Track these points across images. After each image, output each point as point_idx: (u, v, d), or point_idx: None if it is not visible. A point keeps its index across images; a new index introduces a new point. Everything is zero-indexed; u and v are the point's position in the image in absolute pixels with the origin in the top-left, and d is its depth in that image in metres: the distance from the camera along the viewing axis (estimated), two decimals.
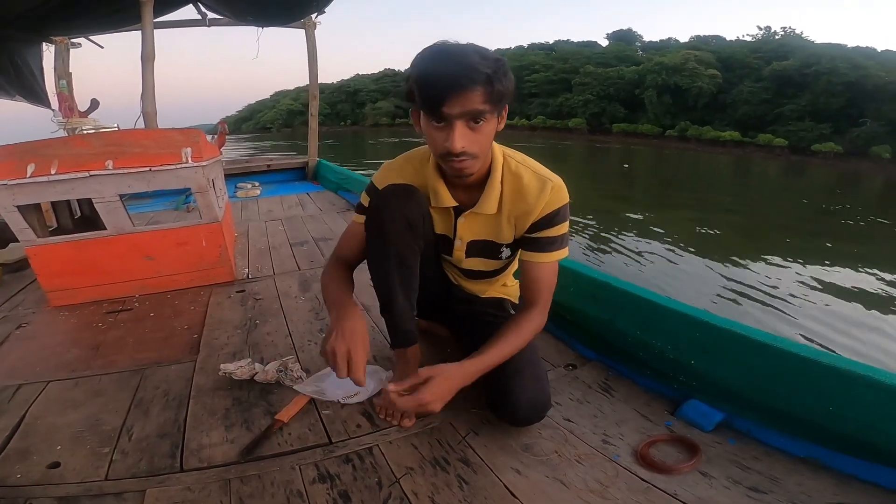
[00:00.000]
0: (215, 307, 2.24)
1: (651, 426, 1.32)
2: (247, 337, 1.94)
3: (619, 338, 1.57)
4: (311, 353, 1.79)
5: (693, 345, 1.37)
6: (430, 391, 1.11)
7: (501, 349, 1.22)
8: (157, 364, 1.74)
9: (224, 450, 1.30)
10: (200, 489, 1.17)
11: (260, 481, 1.19)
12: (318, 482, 1.18)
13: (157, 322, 2.10)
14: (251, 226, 3.69)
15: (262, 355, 1.77)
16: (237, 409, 1.47)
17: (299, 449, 1.29)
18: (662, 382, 1.46)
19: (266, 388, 1.56)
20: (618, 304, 1.59)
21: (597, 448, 1.25)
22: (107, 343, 1.92)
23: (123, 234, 2.23)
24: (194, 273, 2.45)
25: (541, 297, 1.32)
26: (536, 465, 1.20)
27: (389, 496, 1.13)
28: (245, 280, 2.57)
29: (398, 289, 1.35)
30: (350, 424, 1.38)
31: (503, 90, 1.09)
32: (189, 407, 1.48)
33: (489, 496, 1.12)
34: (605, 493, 1.11)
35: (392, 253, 1.31)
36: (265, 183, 5.53)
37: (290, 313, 2.16)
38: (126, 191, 2.14)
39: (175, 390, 1.58)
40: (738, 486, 1.11)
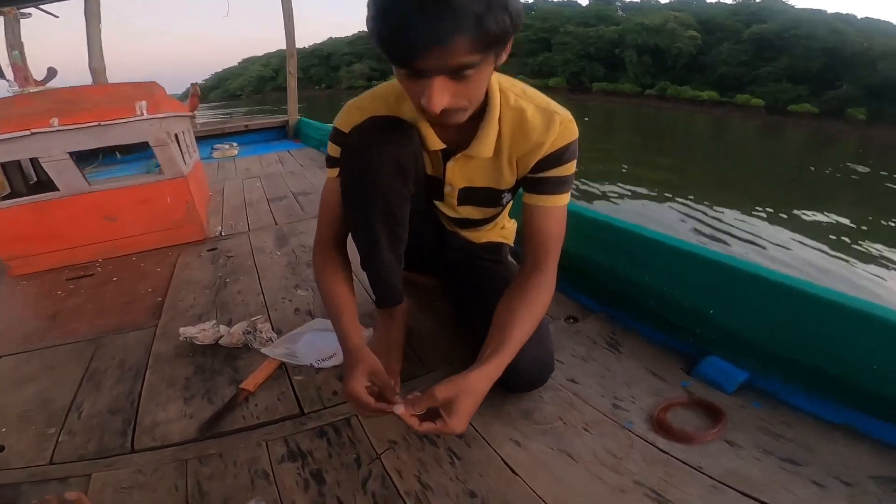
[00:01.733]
0: (183, 267, 2.02)
1: (665, 387, 1.14)
2: (215, 297, 1.73)
3: (624, 286, 1.37)
4: (284, 312, 1.58)
5: (711, 292, 1.18)
6: (459, 418, 0.86)
7: (516, 338, 0.97)
8: (116, 331, 1.54)
9: (181, 426, 1.10)
10: (153, 471, 0.98)
11: (221, 461, 1.00)
12: (287, 460, 0.99)
13: (119, 287, 1.89)
14: (227, 184, 3.41)
15: (230, 316, 1.56)
16: (199, 378, 1.27)
17: (267, 422, 1.10)
18: (676, 336, 1.27)
19: (232, 354, 1.36)
20: (622, 247, 1.39)
21: (606, 413, 1.06)
22: (65, 312, 1.72)
23: (78, 193, 2.02)
24: (161, 232, 2.24)
25: (549, 254, 1.09)
26: (538, 434, 1.01)
27: (369, 475, 0.94)
28: (218, 238, 2.34)
29: (384, 241, 1.12)
30: (325, 391, 1.19)
31: (500, 30, 0.75)
32: (145, 378, 1.28)
33: (485, 473, 0.93)
34: (618, 466, 0.93)
35: (377, 201, 1.07)
36: (243, 143, 5.18)
37: (264, 269, 1.94)
38: (75, 148, 1.93)
39: (132, 360, 1.38)
40: (771, 457, 0.93)
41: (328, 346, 1.30)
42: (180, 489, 0.94)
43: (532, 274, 1.07)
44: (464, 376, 0.89)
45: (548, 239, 1.08)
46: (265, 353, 1.31)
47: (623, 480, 0.90)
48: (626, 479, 0.90)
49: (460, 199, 1.21)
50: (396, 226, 1.12)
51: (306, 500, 0.90)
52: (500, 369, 0.94)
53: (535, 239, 1.09)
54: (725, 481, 0.88)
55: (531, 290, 1.04)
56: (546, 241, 1.08)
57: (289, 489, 0.93)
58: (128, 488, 0.95)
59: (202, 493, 0.93)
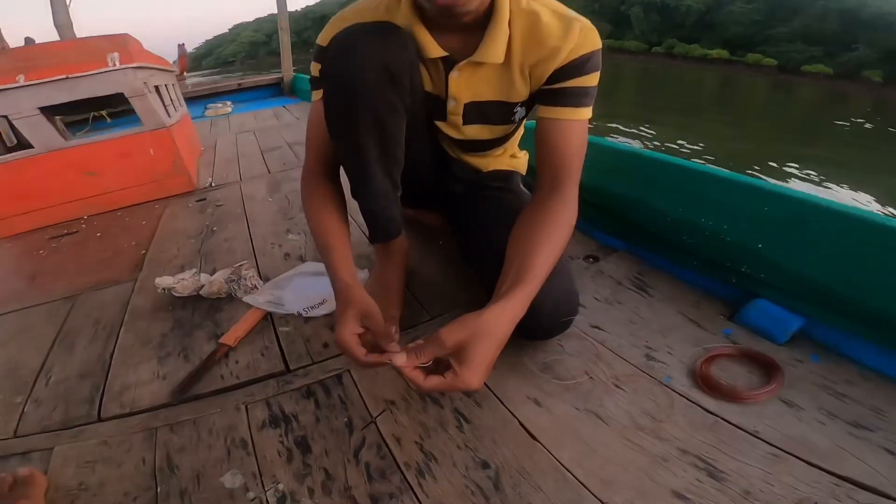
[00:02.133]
0: (169, 219, 1.87)
1: (706, 336, 0.97)
2: (200, 247, 1.57)
3: (654, 220, 1.19)
4: (272, 258, 1.43)
5: (761, 224, 0.99)
6: (473, 369, 0.69)
7: (538, 267, 0.80)
8: (94, 288, 1.40)
9: (153, 389, 0.96)
10: (119, 443, 0.85)
11: (194, 428, 0.86)
12: (268, 426, 0.85)
13: (102, 243, 1.76)
14: (220, 140, 3.21)
15: (214, 266, 1.41)
16: (176, 334, 1.12)
17: (247, 381, 0.95)
18: (716, 276, 1.10)
19: (215, 305, 1.21)
20: (652, 178, 1.20)
21: (640, 367, 0.90)
22: (44, 271, 1.59)
23: (54, 150, 1.91)
24: (146, 186, 2.11)
25: (570, 175, 0.92)
26: (561, 392, 0.86)
27: (363, 443, 0.80)
28: (207, 189, 2.18)
29: (375, 162, 0.95)
30: (314, 344, 1.04)
31: None
32: (119, 337, 1.14)
33: (499, 439, 0.78)
34: (659, 430, 0.78)
35: (364, 112, 0.89)
36: (237, 101, 4.94)
37: (255, 216, 1.78)
38: (45, 103, 1.82)
39: (107, 317, 1.24)
40: (836, 421, 0.77)
41: (318, 292, 1.14)
42: (147, 462, 0.81)
43: (551, 196, 0.90)
44: (478, 315, 0.72)
45: (569, 158, 0.91)
46: (247, 301, 1.16)
47: (665, 447, 0.75)
48: (669, 446, 0.75)
49: (466, 116, 1.03)
50: (389, 143, 0.94)
51: (289, 474, 0.76)
52: (524, 304, 0.77)
53: (554, 158, 0.92)
54: (787, 448, 0.73)
55: (552, 213, 0.87)
56: (566, 161, 0.91)
57: (269, 461, 0.78)
58: (91, 462, 0.82)
59: (171, 468, 0.79)
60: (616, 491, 0.69)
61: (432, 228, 1.43)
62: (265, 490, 0.74)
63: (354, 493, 0.72)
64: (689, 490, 0.69)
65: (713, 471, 0.71)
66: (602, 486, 0.70)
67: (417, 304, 1.15)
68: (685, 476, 0.70)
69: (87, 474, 0.80)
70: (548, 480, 0.71)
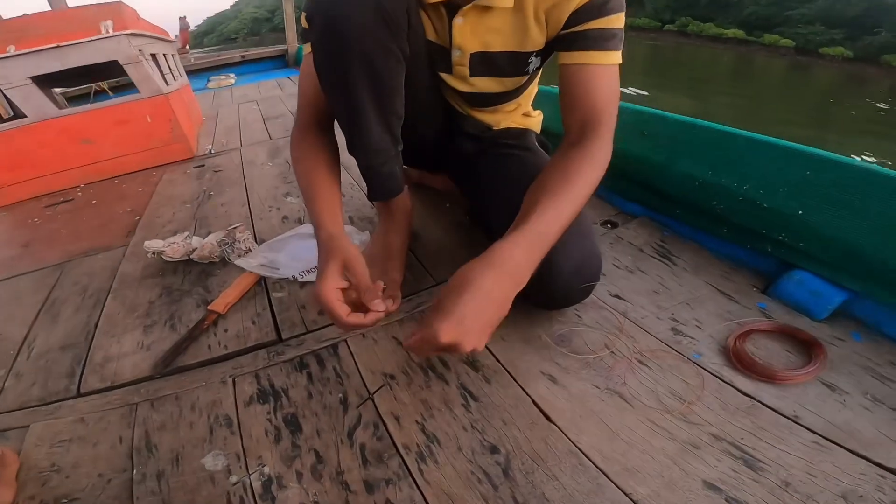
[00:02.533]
0: (166, 184, 1.80)
1: (738, 310, 0.87)
2: (196, 211, 1.49)
3: (680, 184, 1.08)
4: (269, 221, 1.34)
5: (803, 189, 0.88)
6: (441, 317, 0.60)
7: (552, 212, 0.69)
8: (85, 255, 1.32)
9: (135, 361, 0.89)
10: (96, 420, 0.77)
11: (176, 404, 0.78)
12: (256, 402, 0.76)
13: (97, 210, 1.69)
14: (222, 110, 3.10)
15: (209, 230, 1.32)
16: (164, 301, 1.04)
17: (236, 352, 0.87)
18: (748, 245, 0.99)
19: (207, 270, 1.12)
20: (679, 141, 1.08)
21: (666, 341, 0.81)
22: (38, 239, 1.52)
23: (48, 118, 1.85)
24: (144, 153, 2.04)
25: (603, 115, 0.79)
26: (579, 368, 0.77)
27: (358, 422, 0.71)
28: (207, 156, 2.10)
29: (371, 113, 0.85)
30: (310, 312, 0.95)
31: None
32: (105, 305, 1.06)
33: (510, 420, 0.70)
34: (688, 413, 0.69)
35: (357, 58, 0.79)
36: (241, 74, 4.81)
37: (253, 180, 1.69)
38: (36, 72, 1.76)
39: (95, 284, 1.16)
40: (882, 407, 0.67)
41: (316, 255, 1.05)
42: (125, 441, 0.73)
43: (575, 146, 0.78)
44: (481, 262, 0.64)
45: (597, 105, 0.79)
46: (239, 264, 1.08)
47: (696, 433, 0.66)
48: (700, 432, 0.66)
49: (473, 67, 0.92)
50: (385, 92, 0.84)
51: (276, 455, 0.68)
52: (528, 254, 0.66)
53: (581, 106, 0.80)
54: (830, 436, 0.64)
55: (573, 161, 0.76)
56: (594, 109, 0.79)
57: (255, 440, 0.70)
58: (65, 441, 0.75)
59: (149, 448, 0.72)
60: (640, 481, 0.61)
61: (439, 193, 1.33)
62: (249, 473, 0.66)
63: (347, 478, 0.64)
64: (722, 481, 0.60)
65: (750, 460, 0.62)
66: (625, 474, 0.61)
67: (422, 268, 1.05)
68: (718, 465, 0.62)
69: (61, 454, 0.73)
70: (564, 467, 0.63)
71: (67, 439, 0.75)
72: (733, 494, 0.58)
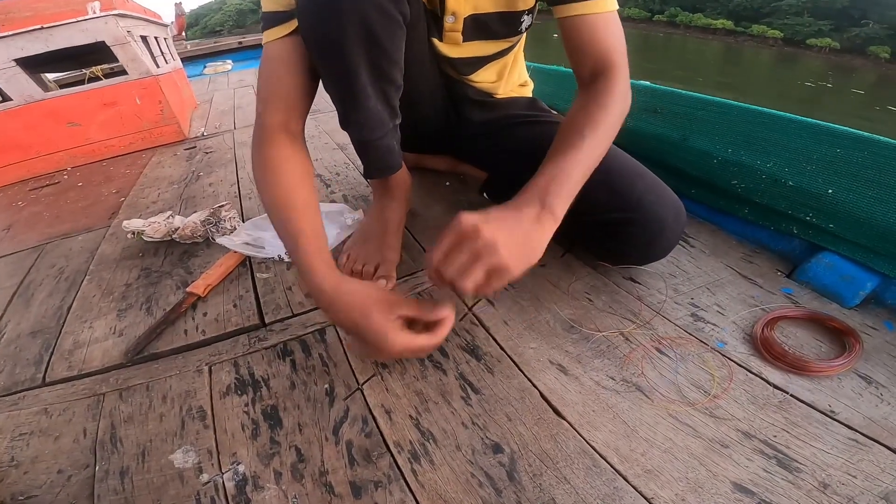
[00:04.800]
0: (154, 166, 1.72)
1: (763, 295, 0.79)
2: (182, 192, 1.40)
3: (697, 163, 0.98)
4: (258, 200, 1.25)
5: (833, 166, 0.79)
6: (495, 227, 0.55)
7: (593, 144, 0.65)
8: (65, 236, 1.24)
9: (106, 347, 0.80)
10: (61, 411, 0.69)
11: (147, 394, 0.69)
12: (233, 393, 0.68)
13: (82, 192, 1.61)
14: (217, 94, 3.03)
15: (195, 210, 1.23)
16: (142, 283, 0.95)
17: (214, 338, 0.79)
18: (771, 226, 0.90)
19: (189, 251, 1.04)
20: (696, 118, 0.99)
21: (686, 328, 0.72)
22: (19, 222, 1.44)
23: (33, 101, 1.79)
24: (133, 136, 1.98)
25: (614, 56, 0.72)
26: (591, 358, 0.68)
27: (345, 416, 0.63)
28: (199, 138, 2.00)
29: (367, 81, 0.74)
30: (296, 294, 0.86)
31: None
32: (81, 287, 0.98)
33: (515, 415, 0.61)
34: (714, 408, 0.60)
35: (353, 21, 0.68)
36: (238, 61, 4.69)
37: (245, 161, 1.61)
38: (20, 54, 1.71)
39: (72, 266, 1.08)
40: None
41: None
42: (89, 435, 0.65)
43: (593, 87, 0.72)
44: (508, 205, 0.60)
45: (608, 48, 0.73)
46: (222, 243, 0.99)
47: (723, 429, 0.57)
48: (728, 428, 0.57)
49: (466, 31, 0.85)
50: (382, 58, 0.74)
51: (252, 452, 0.59)
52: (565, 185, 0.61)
53: (590, 53, 0.73)
54: (869, 433, 0.56)
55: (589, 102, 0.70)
56: (606, 51, 0.72)
57: (231, 435, 0.62)
58: (26, 434, 0.67)
59: (114, 442, 0.63)
60: (663, 483, 0.52)
61: (439, 171, 1.23)
62: (222, 471, 0.57)
63: (331, 479, 0.55)
64: (754, 482, 0.52)
65: (783, 459, 0.54)
66: (645, 476, 0.53)
67: (419, 248, 0.96)
68: (749, 465, 0.53)
69: (21, 448, 0.65)
70: (576, 469, 0.54)
71: (28, 432, 0.67)
72: (766, 497, 0.50)
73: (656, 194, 0.74)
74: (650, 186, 0.74)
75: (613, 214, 0.74)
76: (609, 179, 0.73)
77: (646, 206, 0.72)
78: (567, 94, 1.27)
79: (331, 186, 1.27)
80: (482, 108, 1.02)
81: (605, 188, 0.72)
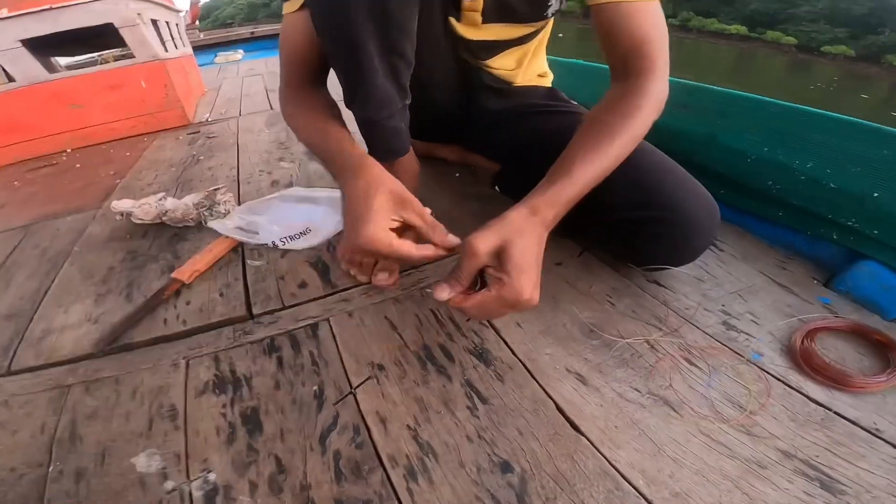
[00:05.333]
0: (155, 149, 1.66)
1: (799, 304, 0.71)
2: (180, 174, 1.33)
3: (728, 161, 0.90)
4: (258, 184, 1.18)
5: (879, 168, 0.72)
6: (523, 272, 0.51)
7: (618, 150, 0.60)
8: (55, 217, 1.17)
9: (78, 335, 0.72)
10: (21, 404, 0.62)
11: (115, 389, 0.62)
12: (211, 391, 0.60)
13: (79, 173, 1.55)
14: (226, 83, 2.97)
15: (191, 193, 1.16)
16: (126, 267, 0.88)
17: (195, 329, 0.71)
18: (808, 231, 0.83)
19: (180, 235, 0.97)
20: (729, 114, 0.91)
21: (718, 337, 0.64)
22: (14, 202, 1.38)
23: (38, 83, 1.73)
24: (136, 119, 1.91)
25: (652, 47, 0.64)
26: (615, 366, 0.60)
27: (334, 423, 0.55)
28: (203, 123, 1.94)
29: (375, 56, 0.67)
30: (289, 284, 0.79)
31: None
32: (62, 270, 0.91)
33: (527, 429, 0.53)
34: (751, 426, 0.52)
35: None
36: (250, 51, 4.64)
37: (247, 146, 1.54)
38: (27, 35, 1.65)
39: (57, 247, 1.01)
40: None
41: (301, 220, 0.90)
42: (47, 431, 0.58)
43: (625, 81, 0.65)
44: (501, 217, 0.54)
45: (646, 37, 0.64)
46: (213, 227, 0.92)
47: (761, 448, 0.50)
48: (766, 447, 0.50)
49: (487, 12, 0.79)
50: (393, 31, 0.67)
51: (226, 459, 0.52)
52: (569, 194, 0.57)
53: (625, 43, 0.65)
54: None
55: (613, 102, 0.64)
56: (643, 41, 0.64)
57: (203, 439, 0.54)
58: None
59: (73, 440, 0.56)
60: None
61: (448, 161, 1.16)
62: (189, 479, 0.50)
63: (314, 495, 0.48)
64: None
65: (826, 480, 0.47)
66: (673, 500, 0.46)
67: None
68: (790, 488, 0.46)
69: None
70: (596, 492, 0.47)
71: None
72: None
73: (689, 191, 0.66)
74: (682, 183, 0.67)
75: (641, 212, 0.66)
76: (637, 175, 0.65)
77: (677, 205, 0.64)
78: (588, 88, 1.19)
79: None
80: (498, 95, 0.95)
81: (632, 184, 0.65)
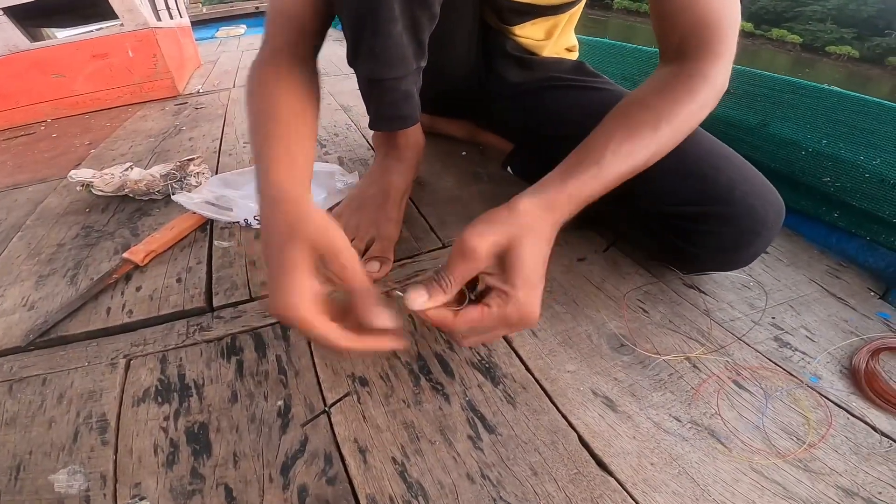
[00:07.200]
0: (137, 120, 1.55)
1: (857, 319, 0.60)
2: (157, 145, 1.21)
3: (778, 153, 0.78)
4: (239, 157, 1.08)
5: None
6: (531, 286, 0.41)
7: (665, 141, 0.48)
8: (14, 187, 1.06)
9: (10, 324, 0.61)
10: None
11: (41, 390, 0.50)
12: (151, 399, 0.49)
13: (54, 143, 1.44)
14: (224, 56, 2.86)
15: None
16: (76, 244, 0.76)
17: (141, 322, 0.59)
18: (866, 236, 0.71)
19: (143, 209, 0.85)
20: (781, 103, 0.80)
21: (769, 355, 0.53)
22: None
23: (18, 51, 1.64)
24: (121, 89, 1.81)
25: (719, 25, 0.51)
26: (648, 390, 0.49)
27: (300, 450, 0.43)
28: (194, 94, 1.82)
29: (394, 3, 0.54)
30: (259, 272, 0.67)
31: None
32: (8, 246, 0.79)
33: (542, 468, 0.42)
34: (809, 461, 0.41)
35: None
36: (253, 26, 4.48)
37: (235, 117, 1.43)
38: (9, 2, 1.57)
39: (10, 220, 0.90)
40: None
41: None
42: None
43: (684, 61, 0.52)
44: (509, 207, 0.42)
45: (713, 15, 0.51)
46: (178, 201, 0.79)
47: (821, 487, 0.40)
48: (826, 485, 0.40)
49: None
50: None
51: (162, 485, 0.41)
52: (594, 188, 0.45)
53: (686, 21, 0.52)
54: None
55: (684, 78, 0.50)
56: (709, 18, 0.51)
57: (136, 459, 0.43)
58: None
59: None
60: None
61: (456, 138, 1.04)
62: None
63: None
64: None
65: None
66: None
67: (425, 224, 0.76)
68: None
69: None
70: None
71: None
72: None
73: (751, 183, 0.54)
74: (742, 172, 0.55)
75: (692, 207, 0.54)
76: (686, 162, 0.54)
77: (738, 199, 0.53)
78: (615, 68, 1.08)
79: (325, 147, 1.08)
80: (521, 66, 0.83)
81: (680, 171, 0.54)
